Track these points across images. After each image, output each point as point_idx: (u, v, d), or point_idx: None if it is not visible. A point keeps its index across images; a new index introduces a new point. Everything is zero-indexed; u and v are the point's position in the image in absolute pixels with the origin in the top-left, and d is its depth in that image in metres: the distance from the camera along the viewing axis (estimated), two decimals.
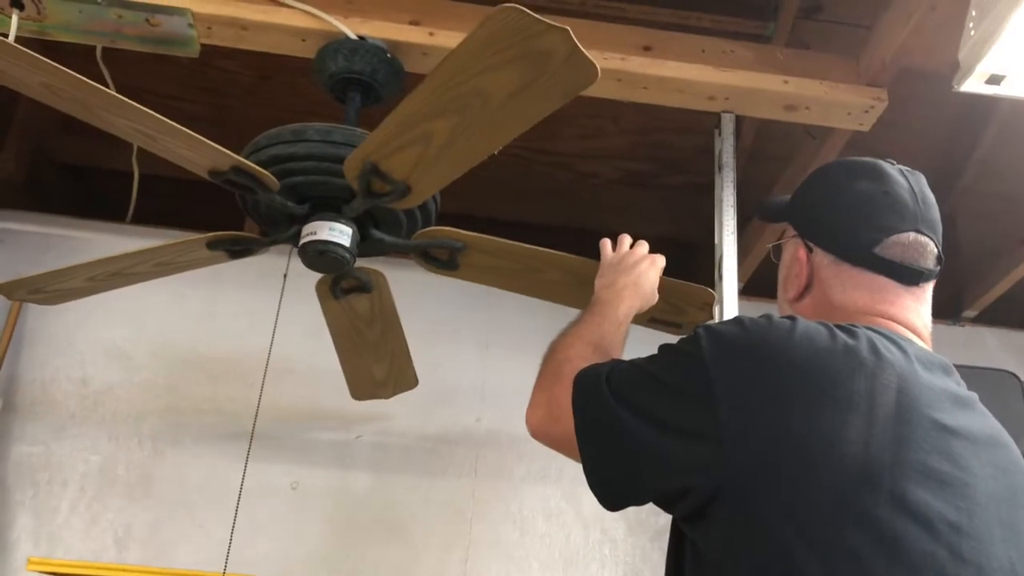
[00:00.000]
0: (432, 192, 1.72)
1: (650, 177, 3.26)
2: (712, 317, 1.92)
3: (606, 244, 1.61)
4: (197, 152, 1.67)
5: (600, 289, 1.50)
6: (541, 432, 1.21)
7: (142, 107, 1.57)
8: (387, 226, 1.90)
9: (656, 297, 1.55)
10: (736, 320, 1.11)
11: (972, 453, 1.05)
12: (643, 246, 1.59)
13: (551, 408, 1.19)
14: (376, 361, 2.37)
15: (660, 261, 1.57)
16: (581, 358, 1.24)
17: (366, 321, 2.19)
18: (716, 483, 0.99)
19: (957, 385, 1.14)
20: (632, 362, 1.15)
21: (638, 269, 1.52)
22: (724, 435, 1.00)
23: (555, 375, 1.23)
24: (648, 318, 1.82)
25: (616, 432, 1.08)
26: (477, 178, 3.17)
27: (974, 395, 1.15)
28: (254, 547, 2.60)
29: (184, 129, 1.60)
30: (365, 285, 2.06)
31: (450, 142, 1.51)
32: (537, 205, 3.38)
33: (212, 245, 1.97)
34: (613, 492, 1.11)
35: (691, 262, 3.20)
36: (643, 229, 1.89)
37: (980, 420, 1.12)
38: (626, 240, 1.60)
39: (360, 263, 2.02)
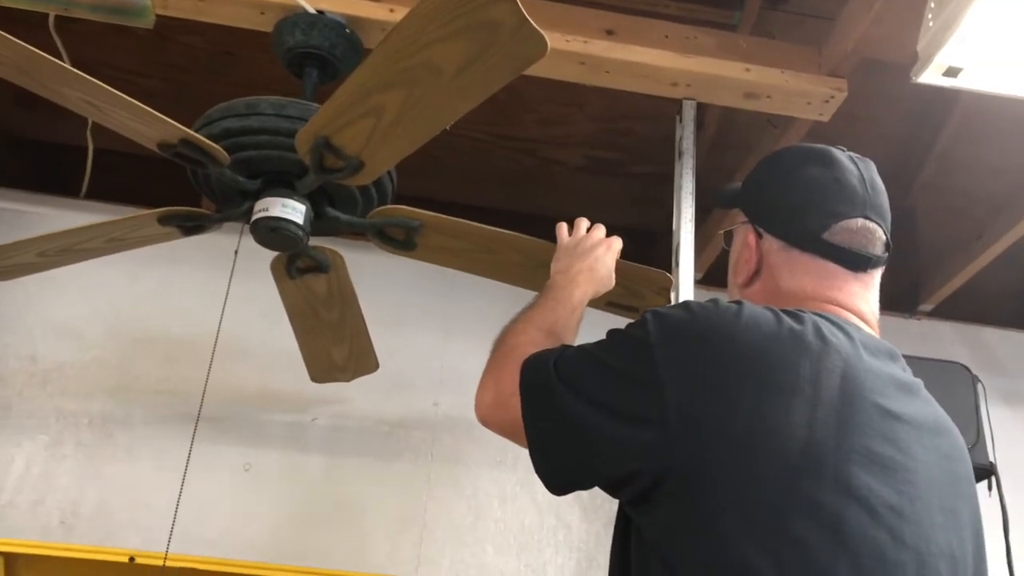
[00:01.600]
0: (386, 168, 1.69)
1: (615, 165, 3.26)
2: (669, 302, 1.91)
3: (562, 228, 1.60)
4: (145, 124, 1.64)
5: (555, 274, 1.49)
6: (489, 417, 1.20)
7: (87, 76, 1.53)
8: (342, 204, 1.88)
9: (612, 281, 1.54)
10: (683, 304, 1.11)
11: (915, 439, 1.06)
12: (600, 230, 1.58)
13: (499, 394, 1.18)
14: (335, 344, 2.34)
15: (616, 244, 1.57)
16: (532, 343, 1.23)
17: (324, 302, 2.17)
18: (661, 467, 0.99)
19: (903, 371, 1.15)
20: (580, 347, 1.15)
21: (594, 254, 1.51)
22: (669, 419, 0.99)
23: (504, 361, 1.22)
24: (605, 302, 1.81)
25: (562, 417, 1.08)
26: (440, 162, 3.18)
27: (919, 381, 1.16)
28: (205, 528, 2.57)
29: (131, 100, 1.57)
30: (322, 265, 2.04)
31: (401, 116, 1.49)
32: (500, 191, 3.37)
33: (164, 220, 1.94)
34: (559, 476, 1.11)
35: (653, 251, 3.20)
36: (606, 217, 1.88)
37: (924, 406, 1.13)
38: (583, 224, 1.59)
39: (317, 243, 2.00)
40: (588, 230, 1.58)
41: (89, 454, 2.67)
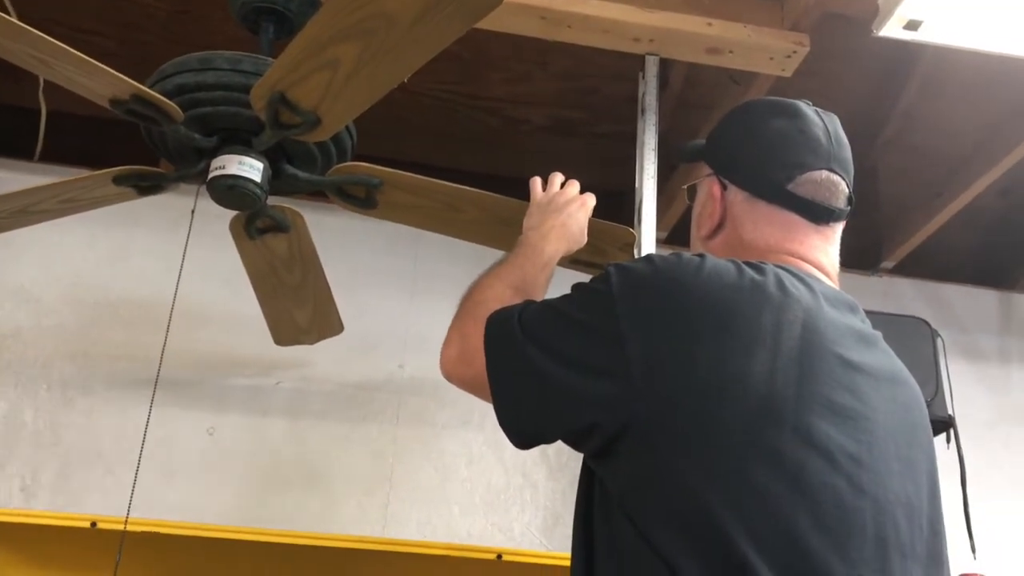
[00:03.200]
0: (343, 123, 1.67)
1: (580, 124, 3.24)
2: (633, 257, 1.91)
3: (536, 183, 1.57)
4: (95, 79, 1.59)
5: (528, 229, 1.47)
6: (454, 372, 1.20)
7: (33, 30, 1.49)
8: (300, 162, 1.85)
9: (584, 239, 1.52)
10: (646, 258, 1.11)
11: (874, 388, 1.07)
12: (574, 186, 1.55)
13: (464, 348, 1.18)
14: (297, 306, 2.32)
15: (590, 201, 1.54)
16: (498, 299, 1.22)
17: (285, 263, 2.14)
18: (622, 419, 0.99)
19: (862, 323, 1.16)
20: (544, 302, 1.15)
21: (567, 210, 1.49)
22: (631, 371, 0.99)
23: (470, 316, 1.21)
24: (570, 259, 1.80)
25: (526, 370, 1.08)
26: (402, 121, 3.15)
27: (878, 333, 1.17)
28: (169, 493, 2.56)
29: (80, 55, 1.52)
30: (281, 225, 2.01)
31: (358, 68, 1.47)
32: (466, 151, 3.33)
33: (119, 180, 1.90)
34: (522, 429, 1.11)
35: (619, 211, 3.19)
36: (572, 177, 1.85)
37: (883, 357, 1.14)
38: (557, 179, 1.57)
39: (277, 203, 1.97)
40: (562, 186, 1.55)
41: (49, 420, 2.64)
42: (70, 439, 2.62)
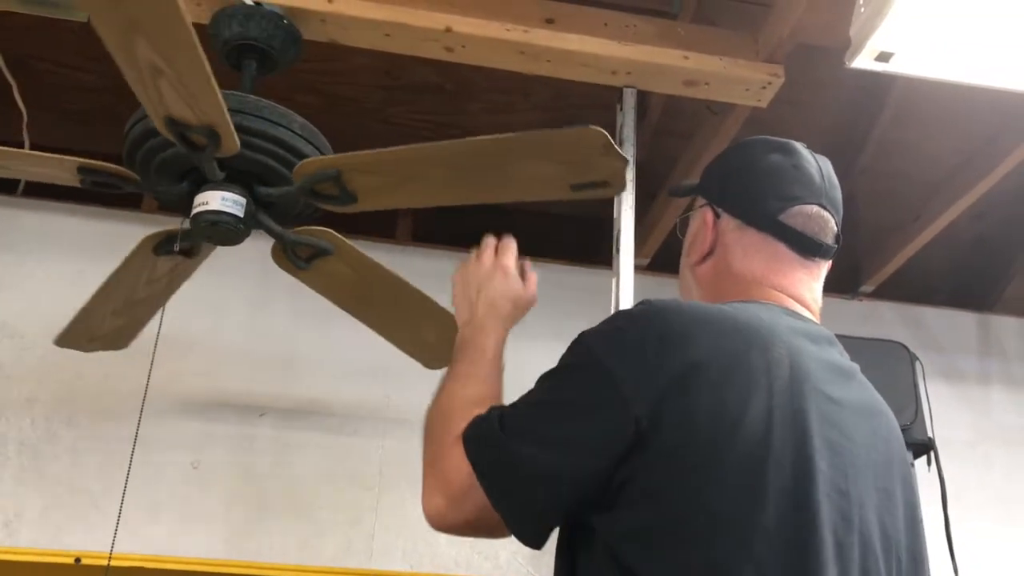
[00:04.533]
0: (223, 119, 1.62)
1: None
2: (616, 155, 1.57)
3: (454, 279, 1.41)
4: (48, 167, 1.61)
5: (462, 327, 1.33)
6: (447, 520, 1.07)
7: None
8: (268, 179, 1.82)
9: (526, 297, 1.35)
10: (615, 317, 1.11)
11: (854, 422, 1.08)
12: (486, 253, 1.37)
13: (449, 492, 1.06)
14: (416, 320, 2.15)
15: (509, 258, 1.37)
16: (467, 419, 1.10)
17: (359, 285, 2.05)
18: (626, 474, 0.98)
19: (840, 356, 1.18)
20: (517, 403, 1.08)
21: (488, 288, 1.33)
22: (637, 429, 0.97)
23: (441, 454, 1.10)
24: (570, 187, 1.59)
25: (527, 476, 1.01)
26: (382, 147, 3.16)
27: (855, 366, 1.19)
28: (154, 527, 2.54)
29: (27, 151, 1.56)
30: (321, 248, 1.95)
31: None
32: None
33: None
34: (543, 533, 1.04)
35: (600, 238, 3.22)
36: (552, 206, 1.88)
37: (860, 390, 1.16)
38: (473, 254, 1.40)
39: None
40: (478, 256, 1.38)
41: (33, 455, 2.62)
42: (54, 474, 2.60)
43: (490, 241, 1.38)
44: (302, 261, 1.91)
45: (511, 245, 1.37)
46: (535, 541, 1.03)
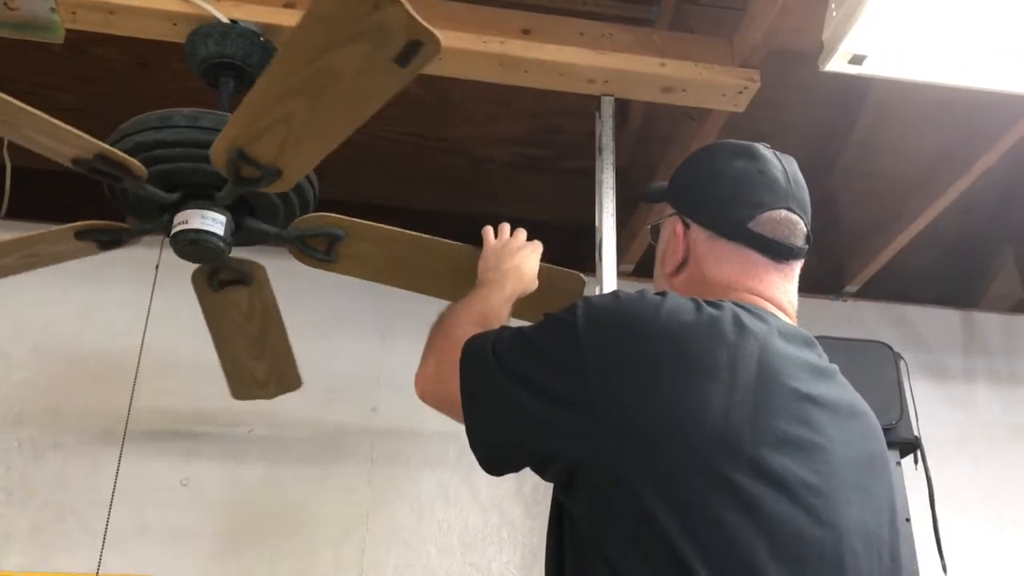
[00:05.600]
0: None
1: (544, 161, 3.28)
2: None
3: (488, 231, 1.71)
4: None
5: (484, 272, 1.58)
6: (428, 392, 1.27)
7: None
8: (263, 214, 1.87)
9: (536, 282, 1.62)
10: (612, 294, 1.15)
11: (831, 421, 1.10)
12: (522, 233, 1.69)
13: (439, 370, 1.25)
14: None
15: (539, 248, 1.68)
16: (470, 323, 1.30)
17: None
18: (584, 449, 1.02)
19: (818, 357, 1.19)
20: (518, 329, 1.18)
21: (521, 254, 1.62)
22: (593, 403, 1.02)
23: (444, 340, 1.28)
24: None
25: (497, 396, 1.12)
26: (369, 165, 3.17)
27: (835, 367, 1.21)
28: (142, 547, 2.53)
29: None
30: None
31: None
32: (432, 191, 3.37)
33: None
34: (492, 454, 1.15)
35: (583, 246, 3.22)
36: (538, 213, 1.89)
37: (839, 390, 1.17)
38: (506, 228, 1.70)
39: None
40: (512, 233, 1.69)
41: (20, 477, 2.61)
42: (42, 495, 2.59)
43: (508, 226, 1.71)
44: (322, 254, 1.92)
45: (524, 234, 1.69)
46: (483, 455, 1.14)
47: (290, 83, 1.42)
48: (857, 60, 1.88)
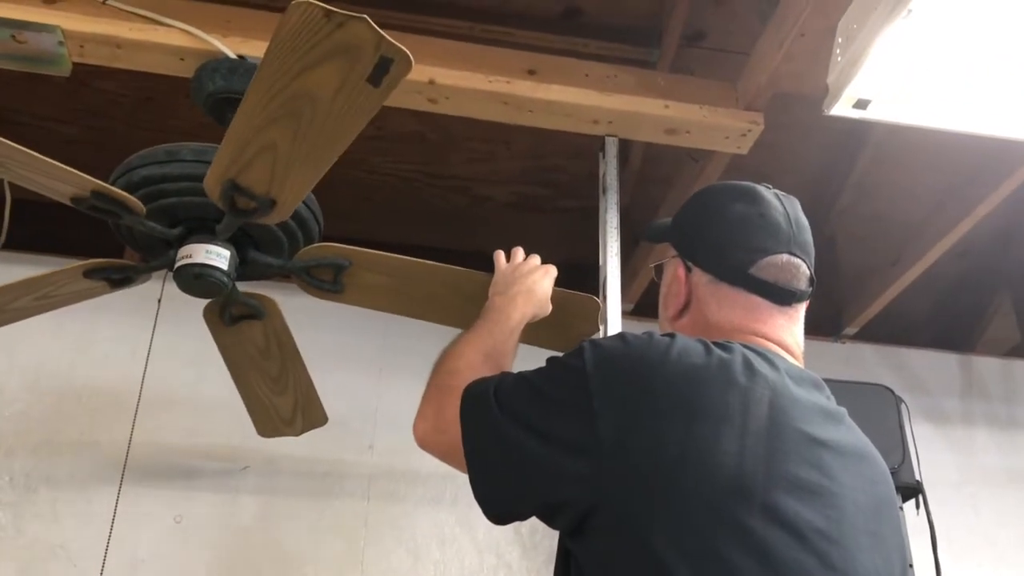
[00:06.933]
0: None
1: (544, 201, 3.29)
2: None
3: (500, 255, 1.66)
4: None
5: (494, 295, 1.52)
6: (428, 442, 1.23)
7: None
8: (267, 247, 1.86)
9: (549, 306, 1.58)
10: (619, 336, 1.13)
11: (841, 465, 1.09)
12: (535, 257, 1.64)
13: (438, 420, 1.21)
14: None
15: (553, 271, 1.63)
16: (470, 368, 1.26)
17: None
18: (594, 496, 1.01)
19: (827, 400, 1.18)
20: (520, 375, 1.16)
21: (532, 277, 1.56)
22: (602, 449, 1.01)
23: (444, 387, 1.24)
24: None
25: (501, 444, 1.09)
26: (369, 202, 3.18)
27: (843, 410, 1.20)
28: None
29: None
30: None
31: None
32: (432, 229, 3.37)
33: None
34: (498, 504, 1.12)
35: (583, 285, 3.22)
36: (537, 253, 1.87)
37: (848, 433, 1.16)
38: (519, 252, 1.66)
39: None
40: (524, 258, 1.64)
41: (12, 513, 2.57)
42: (33, 532, 2.55)
43: (522, 250, 1.66)
44: (329, 284, 1.90)
45: (538, 258, 1.64)
46: (489, 507, 1.11)
47: (269, 110, 1.40)
48: (861, 104, 1.89)
